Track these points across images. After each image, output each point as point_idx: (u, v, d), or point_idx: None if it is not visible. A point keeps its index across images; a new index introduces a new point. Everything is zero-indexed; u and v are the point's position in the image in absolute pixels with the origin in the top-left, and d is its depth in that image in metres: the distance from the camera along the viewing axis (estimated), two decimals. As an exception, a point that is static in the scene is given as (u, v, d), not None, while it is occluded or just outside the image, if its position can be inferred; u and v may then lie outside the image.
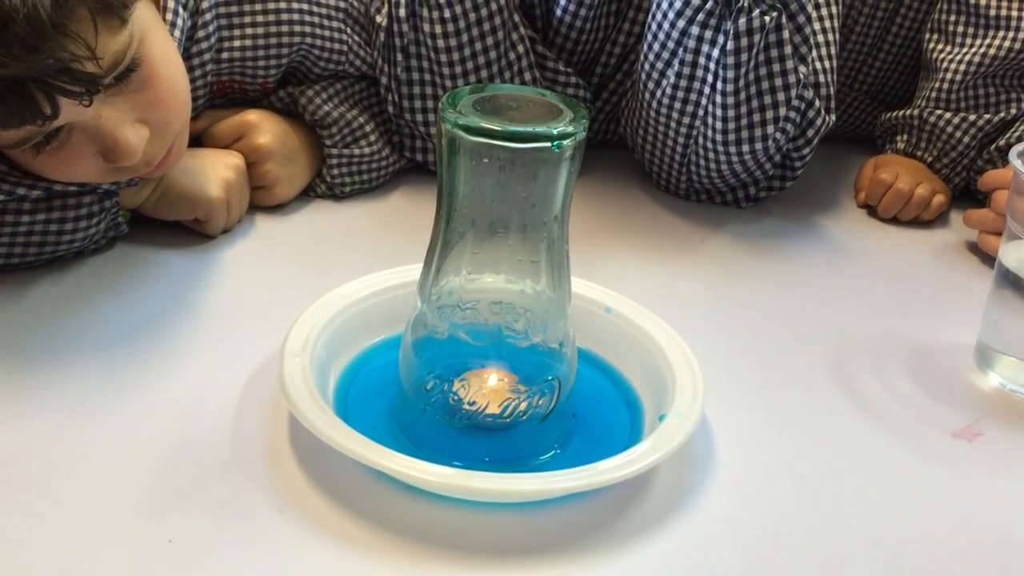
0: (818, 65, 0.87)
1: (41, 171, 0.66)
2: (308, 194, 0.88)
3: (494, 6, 0.86)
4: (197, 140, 0.82)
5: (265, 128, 0.83)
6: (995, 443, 0.65)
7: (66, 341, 0.65)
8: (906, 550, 0.55)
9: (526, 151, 0.51)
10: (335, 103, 0.87)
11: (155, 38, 0.64)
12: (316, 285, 0.66)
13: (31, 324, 0.67)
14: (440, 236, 0.55)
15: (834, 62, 0.89)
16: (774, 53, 0.83)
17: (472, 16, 0.85)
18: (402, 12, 0.85)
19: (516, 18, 0.89)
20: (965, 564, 0.54)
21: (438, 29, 0.85)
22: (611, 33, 0.96)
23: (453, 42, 0.86)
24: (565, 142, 0.51)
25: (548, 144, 0.50)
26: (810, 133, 0.89)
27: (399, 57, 0.87)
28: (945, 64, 0.98)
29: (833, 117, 0.90)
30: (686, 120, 0.89)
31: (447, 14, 0.84)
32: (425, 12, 0.84)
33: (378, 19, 0.87)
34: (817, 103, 0.87)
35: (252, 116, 0.83)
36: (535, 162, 0.51)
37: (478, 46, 0.87)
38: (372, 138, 0.89)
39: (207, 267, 0.76)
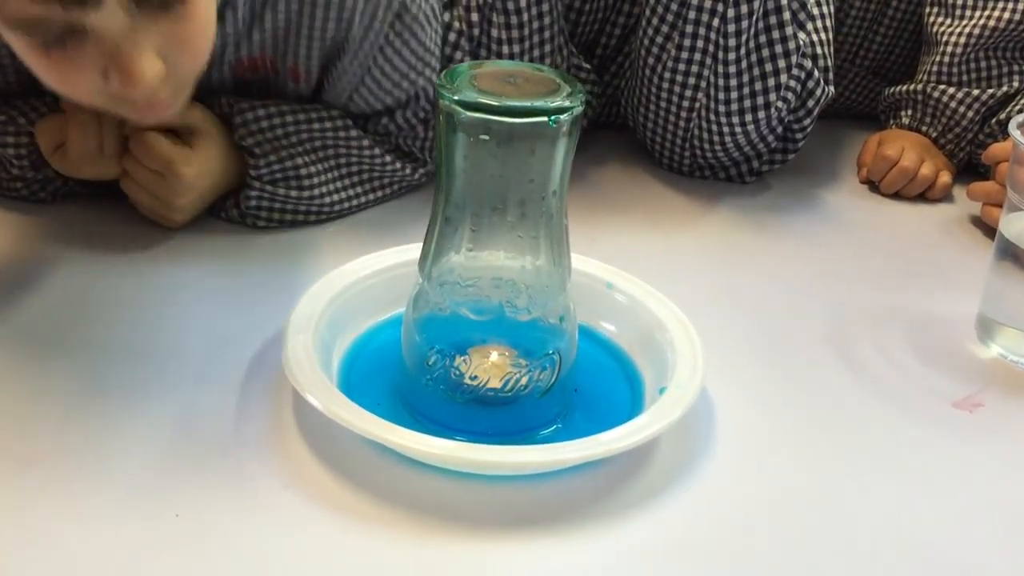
0: (815, 37, 0.87)
1: (38, 71, 0.59)
2: (218, 215, 0.80)
3: (555, 14, 0.88)
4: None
5: (194, 161, 0.74)
6: (995, 413, 0.65)
7: (73, 322, 0.66)
8: (906, 521, 0.55)
9: (523, 126, 0.51)
10: (270, 136, 0.78)
11: None
12: (319, 264, 0.66)
13: (39, 306, 0.68)
14: (440, 213, 0.55)
15: (831, 34, 0.89)
16: (773, 20, 0.83)
17: (536, 24, 0.87)
18: (474, 16, 0.85)
19: (563, 24, 0.91)
20: (966, 534, 0.55)
21: (504, 35, 0.86)
22: (610, 14, 0.97)
23: (516, 48, 0.87)
24: (562, 117, 0.51)
25: (545, 119, 0.51)
26: (810, 104, 0.89)
27: (464, 58, 0.87)
28: (946, 37, 0.98)
29: (832, 88, 0.90)
30: (688, 93, 0.89)
31: (514, 20, 0.85)
32: (494, 17, 0.85)
33: (445, 17, 0.86)
34: (816, 74, 0.88)
35: (185, 156, 0.74)
36: (532, 137, 0.52)
37: (536, 53, 0.88)
38: (307, 182, 0.79)
39: (211, 247, 0.76)
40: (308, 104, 0.81)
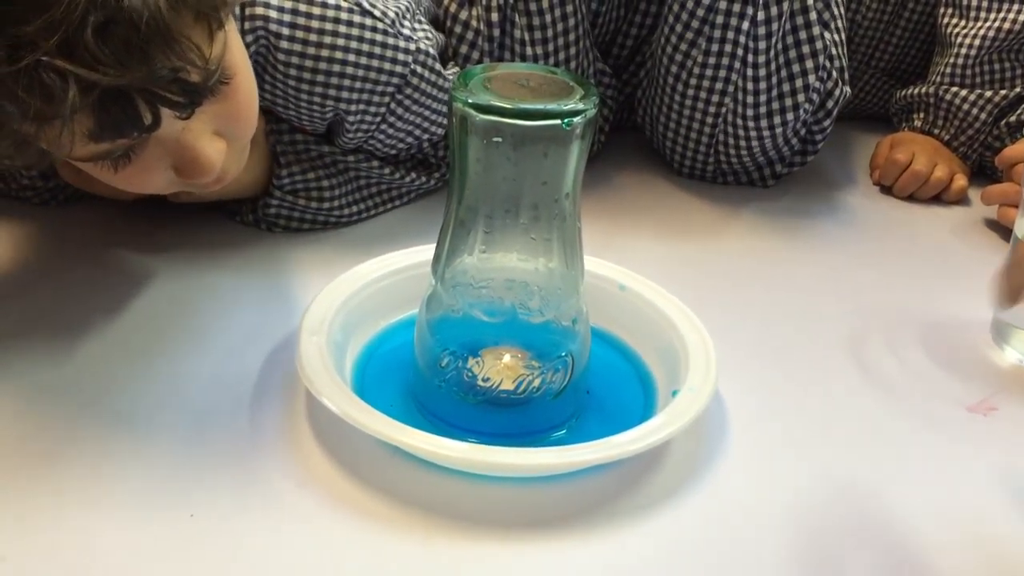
0: (834, 37, 0.87)
1: (107, 181, 0.62)
2: (234, 219, 0.81)
3: (579, 15, 0.87)
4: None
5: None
6: (1010, 417, 0.65)
7: (89, 323, 0.66)
8: (920, 524, 0.55)
9: (536, 129, 0.51)
10: (292, 149, 0.78)
11: (236, 43, 0.59)
12: (332, 265, 0.67)
13: (55, 306, 0.68)
14: (453, 215, 0.56)
15: (844, 35, 0.89)
16: (800, 20, 0.83)
17: (560, 26, 0.86)
18: (494, 16, 0.84)
19: (588, 27, 0.90)
20: (979, 538, 0.55)
21: (527, 36, 0.85)
22: (622, 25, 0.96)
23: (540, 50, 0.86)
24: (575, 119, 0.51)
25: (558, 122, 0.51)
26: (829, 105, 0.89)
27: (482, 59, 0.86)
28: (960, 39, 0.98)
29: (848, 89, 0.90)
30: (715, 99, 0.88)
31: (536, 21, 0.85)
32: (517, 18, 0.84)
33: (463, 15, 0.85)
34: (834, 74, 0.87)
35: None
36: (546, 140, 0.52)
37: (561, 56, 0.87)
38: (327, 194, 0.80)
39: (226, 249, 0.77)
40: None
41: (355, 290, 0.64)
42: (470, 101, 0.51)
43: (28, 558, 0.48)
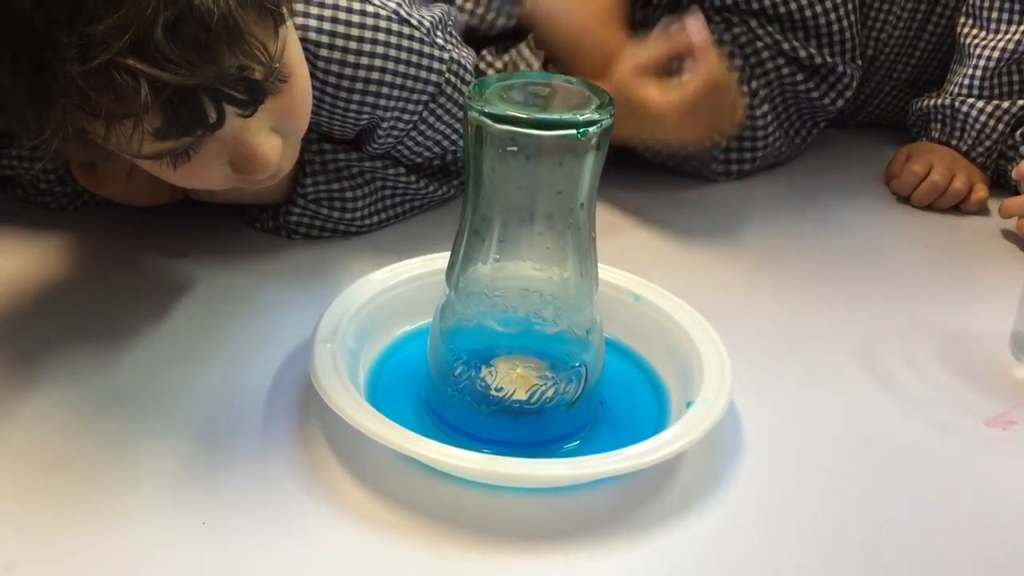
0: (828, 19, 0.90)
1: (163, 177, 0.62)
2: (253, 226, 0.81)
3: None
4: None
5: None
6: (1029, 431, 0.64)
7: (102, 328, 0.67)
8: (937, 539, 0.55)
9: (551, 139, 0.51)
10: (319, 159, 0.78)
11: (292, 40, 0.60)
12: (346, 273, 0.67)
13: (67, 312, 0.68)
14: (467, 224, 0.56)
15: (853, 17, 0.92)
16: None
17: None
18: (535, 66, 0.85)
19: None
20: (997, 552, 0.54)
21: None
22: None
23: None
24: (591, 129, 0.51)
25: (573, 132, 0.51)
26: (840, 87, 0.94)
27: None
28: (978, 51, 0.97)
29: (859, 62, 0.93)
30: None
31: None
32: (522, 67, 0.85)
33: (498, 64, 0.86)
34: (840, 66, 0.90)
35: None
36: (561, 150, 0.51)
37: None
38: (350, 205, 0.79)
39: (242, 254, 0.77)
40: None
41: (369, 298, 0.64)
42: (485, 110, 0.51)
43: (37, 564, 0.48)
